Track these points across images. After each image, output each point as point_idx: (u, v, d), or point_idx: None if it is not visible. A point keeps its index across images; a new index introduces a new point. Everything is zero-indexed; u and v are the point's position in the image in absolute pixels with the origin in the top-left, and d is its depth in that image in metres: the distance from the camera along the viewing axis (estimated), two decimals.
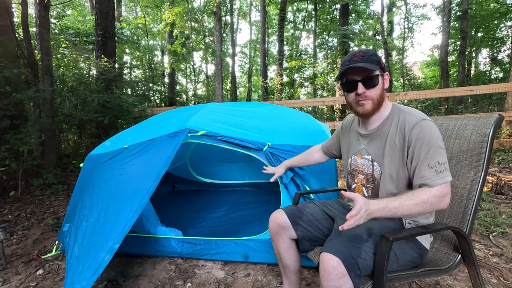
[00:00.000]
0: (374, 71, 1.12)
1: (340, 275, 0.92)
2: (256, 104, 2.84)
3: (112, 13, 5.84)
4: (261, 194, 3.51)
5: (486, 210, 2.63)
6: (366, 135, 1.25)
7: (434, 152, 1.05)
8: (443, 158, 1.06)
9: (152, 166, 1.83)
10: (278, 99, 11.71)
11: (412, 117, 1.12)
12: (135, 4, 15.80)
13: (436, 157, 1.05)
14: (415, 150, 1.08)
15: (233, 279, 1.80)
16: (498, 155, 4.50)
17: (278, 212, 1.36)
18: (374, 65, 1.11)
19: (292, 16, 18.02)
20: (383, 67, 1.15)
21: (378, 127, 1.21)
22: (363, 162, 1.26)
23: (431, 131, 1.07)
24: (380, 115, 1.20)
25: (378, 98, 1.15)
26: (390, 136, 1.15)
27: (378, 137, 1.20)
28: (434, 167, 1.05)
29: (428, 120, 1.10)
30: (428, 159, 1.06)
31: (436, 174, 1.04)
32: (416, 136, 1.08)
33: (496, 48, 13.33)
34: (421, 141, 1.07)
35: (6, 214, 3.18)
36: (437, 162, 1.05)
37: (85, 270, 1.44)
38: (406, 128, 1.11)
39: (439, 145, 1.06)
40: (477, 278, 1.15)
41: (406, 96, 5.16)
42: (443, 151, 1.07)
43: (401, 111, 1.17)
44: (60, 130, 4.99)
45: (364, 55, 1.12)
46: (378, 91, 1.15)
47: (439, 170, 1.04)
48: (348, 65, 1.12)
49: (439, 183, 1.04)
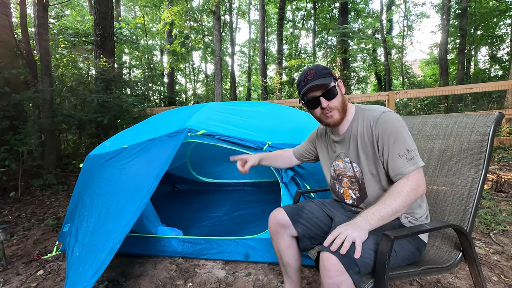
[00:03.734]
0: (329, 84, 1.18)
1: (340, 272, 0.92)
2: (256, 103, 2.84)
3: (111, 13, 5.82)
4: (262, 193, 3.51)
5: (486, 208, 2.63)
6: (339, 140, 1.30)
7: (401, 141, 1.10)
8: (411, 146, 1.10)
9: (152, 166, 1.83)
10: (277, 98, 11.71)
11: (373, 112, 1.18)
12: (134, 3, 15.76)
13: (403, 145, 1.10)
14: (383, 142, 1.13)
15: (234, 278, 1.80)
16: (498, 153, 4.50)
17: (277, 210, 1.36)
18: (327, 79, 1.17)
19: (291, 15, 18.00)
20: (335, 77, 1.22)
21: (347, 130, 1.26)
22: (344, 165, 1.30)
23: (393, 122, 1.12)
24: (347, 119, 1.25)
25: (341, 106, 1.21)
26: (359, 135, 1.21)
27: (350, 139, 1.25)
28: (404, 155, 1.09)
29: (389, 112, 1.15)
30: (396, 148, 1.10)
31: (407, 161, 1.09)
32: (381, 129, 1.13)
33: (495, 46, 13.32)
34: (387, 132, 1.12)
35: (6, 214, 3.18)
36: (406, 150, 1.09)
37: (85, 271, 1.44)
38: (371, 124, 1.17)
39: (404, 133, 1.11)
40: (478, 275, 1.15)
41: (405, 94, 5.15)
42: (410, 138, 1.12)
43: (364, 111, 1.23)
44: (60, 131, 4.99)
45: (316, 72, 1.18)
46: (339, 99, 1.20)
47: (409, 157, 1.09)
48: (305, 86, 1.19)
49: (412, 169, 1.08)
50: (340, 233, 0.98)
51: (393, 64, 15.59)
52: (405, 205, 1.05)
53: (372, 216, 1.03)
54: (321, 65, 1.24)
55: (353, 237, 0.96)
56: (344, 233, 0.98)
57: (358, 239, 0.96)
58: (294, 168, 1.89)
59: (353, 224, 1.01)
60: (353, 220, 1.04)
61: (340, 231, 0.99)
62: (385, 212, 1.03)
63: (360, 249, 0.95)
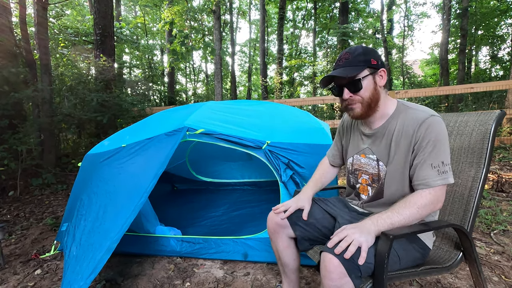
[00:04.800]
0: (355, 76, 1.07)
1: (342, 275, 0.90)
2: (255, 102, 2.83)
3: (111, 12, 5.81)
4: (261, 192, 3.49)
5: (487, 208, 2.62)
6: (370, 134, 1.21)
7: (439, 152, 1.02)
8: (447, 159, 1.03)
9: (151, 164, 1.82)
10: (278, 98, 11.69)
11: (420, 113, 1.07)
12: (134, 3, 15.75)
13: (440, 156, 1.02)
14: (420, 147, 1.04)
15: (232, 278, 1.79)
16: (499, 152, 4.48)
17: None
18: (357, 68, 1.07)
19: (292, 15, 17.98)
20: (374, 65, 1.08)
21: (382, 126, 1.16)
22: (368, 162, 1.23)
23: (439, 129, 1.03)
24: (383, 114, 1.16)
25: (367, 100, 1.10)
26: (396, 134, 1.11)
27: (383, 136, 1.16)
28: (437, 167, 1.02)
29: (437, 117, 1.05)
30: (432, 158, 1.02)
31: (438, 174, 1.02)
32: (424, 133, 1.03)
33: (496, 46, 13.29)
34: (428, 138, 1.03)
35: (5, 214, 3.17)
36: (441, 162, 1.02)
37: (82, 270, 1.43)
38: (414, 124, 1.06)
39: (445, 144, 1.03)
40: (478, 276, 1.14)
41: (406, 94, 5.14)
42: (448, 151, 1.04)
43: (407, 109, 1.12)
44: (59, 130, 4.98)
45: (349, 58, 1.09)
46: (366, 93, 1.09)
47: (442, 170, 1.01)
48: (331, 73, 1.10)
49: (439, 184, 1.01)
50: (346, 236, 0.94)
51: (394, 64, 15.59)
52: (418, 217, 1.01)
53: (383, 222, 0.98)
54: (360, 48, 1.10)
55: (360, 242, 0.92)
56: (351, 236, 0.93)
57: (365, 244, 0.92)
58: (293, 167, 1.87)
59: (361, 227, 0.97)
60: (362, 223, 1.00)
61: (347, 233, 0.95)
62: (397, 220, 0.99)
63: (365, 255, 0.91)
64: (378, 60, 1.10)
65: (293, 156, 1.92)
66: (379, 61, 1.11)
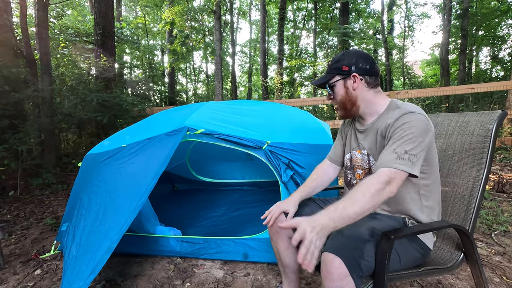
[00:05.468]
0: (329, 81, 1.21)
1: (343, 275, 0.89)
2: (255, 102, 2.82)
3: (112, 12, 5.82)
4: (261, 193, 3.49)
5: (488, 208, 2.61)
6: (362, 130, 1.27)
7: (406, 141, 1.01)
8: (413, 150, 1.00)
9: (151, 164, 1.82)
10: (278, 98, 11.69)
11: (401, 110, 1.11)
12: (135, 3, 15.78)
13: (405, 145, 1.01)
14: (391, 135, 1.07)
15: (233, 278, 1.79)
16: (500, 153, 4.47)
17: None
18: (327, 76, 1.20)
19: (292, 15, 17.98)
20: (345, 71, 1.17)
21: (372, 122, 1.22)
22: (361, 157, 1.27)
23: (413, 124, 1.04)
24: (374, 111, 1.22)
25: (341, 103, 1.22)
26: (380, 129, 1.16)
27: (372, 132, 1.21)
28: (398, 152, 1.01)
29: (415, 113, 1.06)
30: (395, 145, 1.03)
31: (397, 159, 0.99)
32: (397, 125, 1.07)
33: (497, 46, 13.28)
34: (399, 129, 1.05)
35: (5, 214, 3.17)
36: (404, 150, 1.00)
37: (82, 270, 1.43)
38: (393, 119, 1.10)
39: (415, 138, 1.02)
40: (479, 277, 1.13)
41: (406, 94, 5.14)
42: (419, 145, 1.01)
43: (396, 107, 1.16)
44: (60, 130, 4.98)
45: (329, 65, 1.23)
46: (338, 96, 1.21)
47: (402, 157, 0.99)
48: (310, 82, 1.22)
49: (395, 166, 0.98)
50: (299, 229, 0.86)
51: (394, 64, 15.58)
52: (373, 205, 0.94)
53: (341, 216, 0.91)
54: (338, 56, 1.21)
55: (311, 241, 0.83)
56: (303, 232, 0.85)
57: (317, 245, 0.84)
58: (293, 168, 1.87)
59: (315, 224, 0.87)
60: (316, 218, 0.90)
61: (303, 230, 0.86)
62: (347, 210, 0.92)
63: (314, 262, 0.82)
64: (351, 66, 1.16)
65: (294, 156, 1.91)
66: (352, 66, 1.16)
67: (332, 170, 1.47)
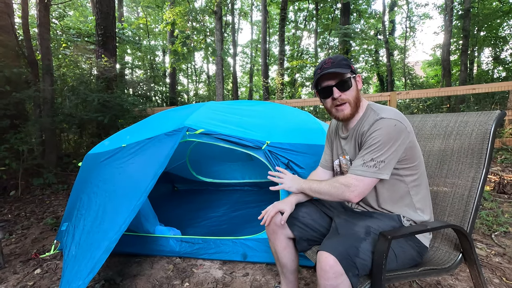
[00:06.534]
0: (345, 74, 1.16)
1: (338, 274, 0.90)
2: (255, 103, 2.82)
3: (113, 13, 5.84)
4: (261, 193, 3.49)
5: (488, 209, 2.60)
6: (344, 136, 1.30)
7: (374, 149, 1.09)
8: (379, 157, 1.08)
9: (150, 164, 1.82)
10: (279, 98, 11.69)
11: (375, 116, 1.14)
12: (137, 4, 15.83)
13: (373, 153, 1.09)
14: (363, 145, 1.15)
15: (231, 278, 1.79)
16: (501, 154, 4.46)
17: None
18: (344, 69, 1.15)
19: (293, 16, 17.99)
20: (353, 70, 1.19)
21: (353, 128, 1.24)
22: (346, 162, 1.30)
23: (385, 129, 1.08)
24: (357, 116, 1.23)
25: (354, 100, 1.19)
26: (359, 135, 1.20)
27: (352, 138, 1.24)
28: (364, 160, 1.10)
29: (388, 119, 1.09)
30: (364, 153, 1.11)
31: (362, 166, 1.10)
32: (370, 133, 1.12)
33: (498, 47, 13.22)
34: (372, 136, 1.11)
35: (6, 213, 3.18)
36: (370, 158, 1.09)
37: (81, 269, 1.43)
38: (367, 126, 1.15)
39: (386, 144, 1.07)
40: (478, 277, 1.13)
41: (407, 95, 5.12)
42: (387, 150, 1.07)
43: (372, 111, 1.19)
44: (61, 130, 5.00)
45: (334, 61, 1.16)
46: (353, 92, 1.18)
47: (368, 165, 1.09)
48: (320, 73, 1.16)
49: (356, 173, 1.11)
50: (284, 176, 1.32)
51: (396, 65, 15.53)
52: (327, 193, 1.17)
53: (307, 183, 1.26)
54: (341, 56, 1.21)
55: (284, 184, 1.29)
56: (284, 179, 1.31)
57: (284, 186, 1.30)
58: (292, 167, 1.87)
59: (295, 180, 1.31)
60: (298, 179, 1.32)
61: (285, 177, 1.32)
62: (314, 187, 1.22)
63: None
64: (354, 67, 1.22)
65: (293, 156, 1.91)
66: (354, 68, 1.22)
67: (326, 175, 1.47)
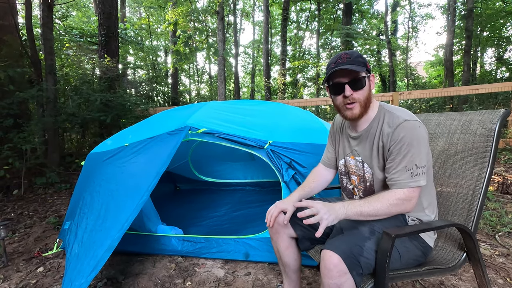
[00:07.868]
0: (360, 73, 1.11)
1: (342, 272, 0.89)
2: (258, 102, 2.82)
3: (115, 13, 5.86)
4: (263, 193, 3.48)
5: (492, 209, 2.58)
6: (355, 136, 1.25)
7: (413, 155, 1.05)
8: (421, 161, 1.05)
9: (153, 163, 1.83)
10: (281, 98, 11.68)
11: (395, 118, 1.10)
12: (139, 5, 15.89)
13: (415, 160, 1.05)
14: (396, 150, 1.08)
15: (233, 277, 1.78)
16: (504, 154, 4.43)
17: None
18: (360, 67, 1.10)
19: (295, 16, 17.98)
20: (368, 69, 1.14)
21: (366, 129, 1.20)
22: (355, 163, 1.26)
23: (413, 133, 1.06)
24: (368, 117, 1.19)
25: (365, 100, 1.14)
26: (376, 137, 1.15)
27: (367, 139, 1.19)
28: (411, 169, 1.05)
29: (412, 121, 1.08)
30: (406, 160, 1.06)
31: (411, 176, 1.05)
32: (399, 137, 1.07)
33: (502, 47, 13.14)
34: (403, 141, 1.06)
35: (9, 212, 3.20)
36: (414, 165, 1.05)
37: (83, 268, 1.44)
38: (390, 128, 1.10)
39: (420, 146, 1.05)
40: (482, 277, 1.12)
41: (410, 95, 5.11)
42: (425, 152, 1.07)
43: (387, 112, 1.15)
44: (64, 129, 5.02)
45: (350, 57, 1.11)
46: (365, 93, 1.13)
47: (415, 173, 1.05)
48: (334, 68, 1.11)
49: (411, 186, 1.05)
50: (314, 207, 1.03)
51: (398, 65, 15.48)
52: (387, 213, 1.06)
53: (353, 208, 1.05)
54: (357, 52, 1.15)
55: (321, 218, 1.00)
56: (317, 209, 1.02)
57: (324, 222, 1.00)
58: (295, 167, 1.86)
59: (331, 207, 1.04)
60: (334, 204, 1.06)
61: (317, 208, 1.03)
62: (366, 210, 1.05)
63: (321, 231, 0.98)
64: (369, 66, 1.16)
65: (295, 155, 1.91)
66: (370, 66, 1.16)
67: (328, 173, 1.47)
